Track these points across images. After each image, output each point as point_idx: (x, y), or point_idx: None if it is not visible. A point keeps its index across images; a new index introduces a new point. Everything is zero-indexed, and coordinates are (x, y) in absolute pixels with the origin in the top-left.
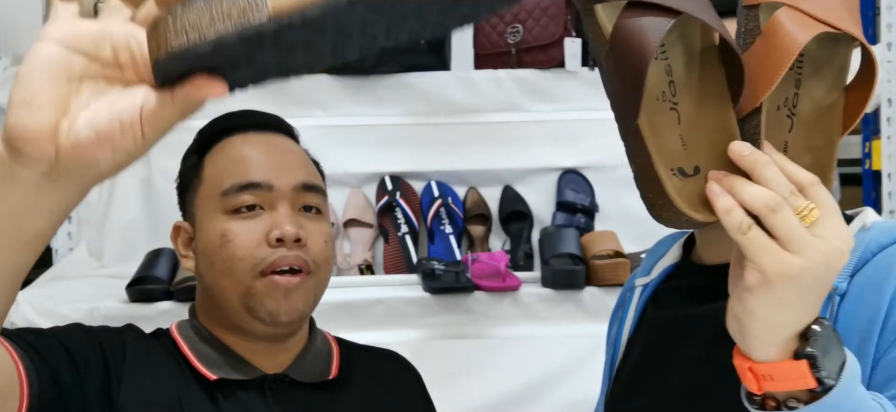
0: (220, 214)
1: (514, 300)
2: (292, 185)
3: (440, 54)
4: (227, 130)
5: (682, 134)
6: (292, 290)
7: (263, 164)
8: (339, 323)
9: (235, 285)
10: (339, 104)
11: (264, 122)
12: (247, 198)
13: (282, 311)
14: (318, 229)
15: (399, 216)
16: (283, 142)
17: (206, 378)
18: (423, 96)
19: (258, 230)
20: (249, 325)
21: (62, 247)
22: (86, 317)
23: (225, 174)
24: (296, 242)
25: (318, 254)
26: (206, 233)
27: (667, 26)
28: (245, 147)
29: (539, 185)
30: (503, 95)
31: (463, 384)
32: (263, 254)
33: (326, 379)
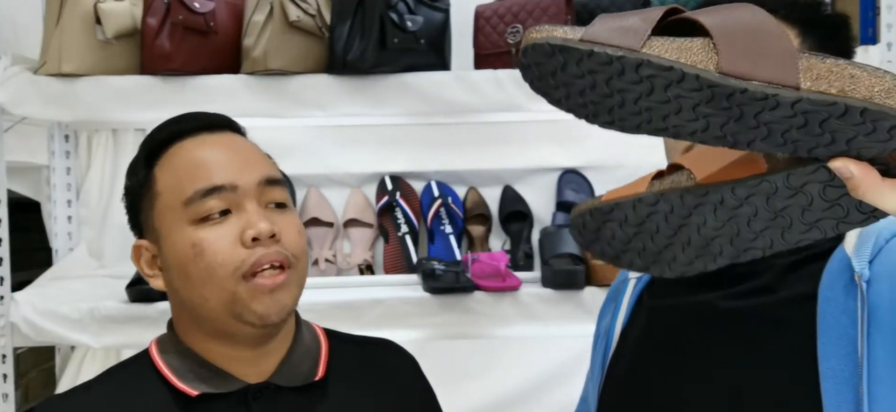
0: (186, 225)
1: (514, 300)
2: (256, 182)
3: (440, 54)
4: (176, 136)
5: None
6: (278, 288)
7: (224, 165)
8: (339, 323)
9: (218, 293)
10: (339, 104)
11: (214, 123)
12: (213, 203)
13: (271, 312)
14: (288, 222)
15: (399, 216)
16: (235, 139)
17: (187, 395)
18: (423, 96)
19: (231, 233)
20: (237, 330)
21: (62, 247)
22: (86, 316)
23: (184, 182)
24: (272, 238)
25: (295, 247)
26: (175, 247)
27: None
28: (200, 150)
29: (539, 184)
30: (503, 95)
31: (463, 384)
32: (242, 256)
33: (313, 380)
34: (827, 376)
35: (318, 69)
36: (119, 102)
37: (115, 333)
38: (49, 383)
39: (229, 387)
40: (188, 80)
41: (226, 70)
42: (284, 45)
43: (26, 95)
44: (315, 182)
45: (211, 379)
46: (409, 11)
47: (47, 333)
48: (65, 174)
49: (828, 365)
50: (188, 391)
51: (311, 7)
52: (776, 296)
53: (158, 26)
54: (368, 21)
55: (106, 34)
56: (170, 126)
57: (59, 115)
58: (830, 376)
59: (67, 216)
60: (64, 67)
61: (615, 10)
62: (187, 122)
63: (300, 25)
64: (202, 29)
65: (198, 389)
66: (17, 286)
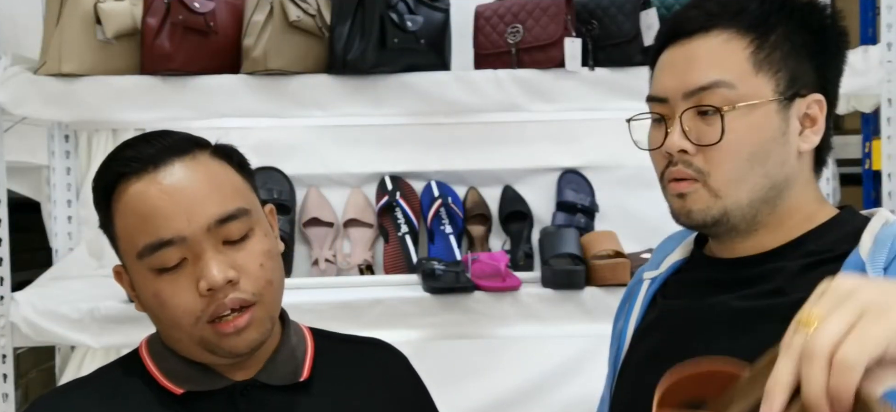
0: (145, 274)
1: (514, 300)
2: (206, 226)
3: (440, 54)
4: (121, 177)
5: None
6: (242, 330)
7: (169, 214)
8: (339, 323)
9: (187, 336)
10: (339, 104)
11: (159, 155)
12: (165, 256)
13: (240, 348)
14: (249, 256)
15: (399, 216)
16: (181, 168)
17: (173, 393)
18: (423, 96)
19: (188, 285)
20: (214, 361)
21: (62, 247)
22: (86, 316)
23: (134, 234)
24: (228, 284)
25: (256, 283)
26: (141, 292)
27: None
28: (143, 197)
29: (539, 184)
30: (503, 95)
31: (463, 384)
32: (201, 305)
33: (298, 380)
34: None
35: (318, 69)
36: (119, 102)
37: (115, 333)
38: (49, 383)
39: (215, 384)
40: (188, 80)
41: (226, 70)
42: (284, 45)
43: (26, 95)
44: (315, 182)
45: (197, 377)
46: (409, 11)
47: (47, 333)
48: (65, 174)
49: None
50: (174, 389)
51: (311, 7)
52: (788, 298)
53: (158, 26)
54: (368, 21)
55: (106, 34)
56: (112, 166)
57: (59, 115)
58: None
59: (67, 216)
60: (64, 67)
61: (615, 10)
62: (130, 162)
63: (300, 25)
64: (202, 29)
65: (183, 387)
66: (17, 286)
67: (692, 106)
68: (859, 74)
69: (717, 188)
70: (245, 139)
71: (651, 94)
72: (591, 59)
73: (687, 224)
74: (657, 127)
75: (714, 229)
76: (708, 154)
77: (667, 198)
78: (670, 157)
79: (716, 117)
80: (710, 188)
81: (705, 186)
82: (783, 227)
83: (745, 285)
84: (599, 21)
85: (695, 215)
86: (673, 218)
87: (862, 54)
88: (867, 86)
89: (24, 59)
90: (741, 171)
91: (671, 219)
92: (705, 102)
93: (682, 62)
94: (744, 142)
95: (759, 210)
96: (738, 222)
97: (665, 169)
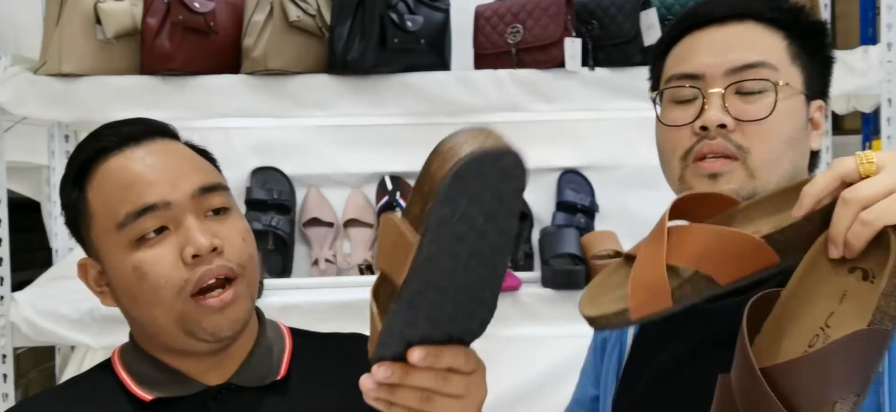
0: (124, 247)
1: (514, 300)
2: (190, 193)
3: (440, 54)
4: (101, 153)
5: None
6: (227, 305)
7: (153, 181)
8: (339, 323)
9: (166, 312)
10: (339, 104)
11: (138, 133)
12: (148, 223)
13: (223, 328)
14: (231, 229)
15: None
16: (165, 146)
17: (142, 400)
18: (423, 96)
19: (170, 253)
20: (192, 346)
21: (62, 247)
22: (86, 316)
23: (115, 204)
24: (213, 252)
25: (240, 255)
26: (117, 270)
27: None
28: (127, 168)
29: (539, 185)
30: (503, 95)
31: None
32: (185, 275)
33: (275, 379)
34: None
35: (318, 69)
36: (119, 102)
37: (114, 333)
38: (49, 383)
39: (187, 390)
40: (188, 80)
41: (226, 70)
42: (284, 45)
43: (26, 95)
44: (315, 182)
45: (168, 383)
46: (409, 11)
47: (47, 333)
48: None
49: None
50: (143, 396)
51: (311, 7)
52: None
53: (158, 26)
54: (368, 21)
55: (106, 34)
56: (91, 143)
57: (59, 115)
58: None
59: None
60: (64, 67)
61: (615, 10)
62: (109, 138)
63: (300, 25)
64: (202, 29)
65: (153, 394)
66: (17, 286)
67: (734, 82)
68: (859, 74)
69: (754, 167)
70: (245, 139)
71: (682, 71)
72: (591, 59)
73: None
74: (683, 105)
75: None
76: (748, 131)
77: (688, 179)
78: (703, 133)
79: (760, 96)
80: (747, 167)
81: (744, 165)
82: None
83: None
84: (599, 21)
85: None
86: None
87: (862, 54)
88: (867, 86)
89: (24, 59)
90: (779, 152)
91: None
92: (751, 79)
93: (720, 42)
94: (785, 123)
95: None
96: None
97: (693, 146)
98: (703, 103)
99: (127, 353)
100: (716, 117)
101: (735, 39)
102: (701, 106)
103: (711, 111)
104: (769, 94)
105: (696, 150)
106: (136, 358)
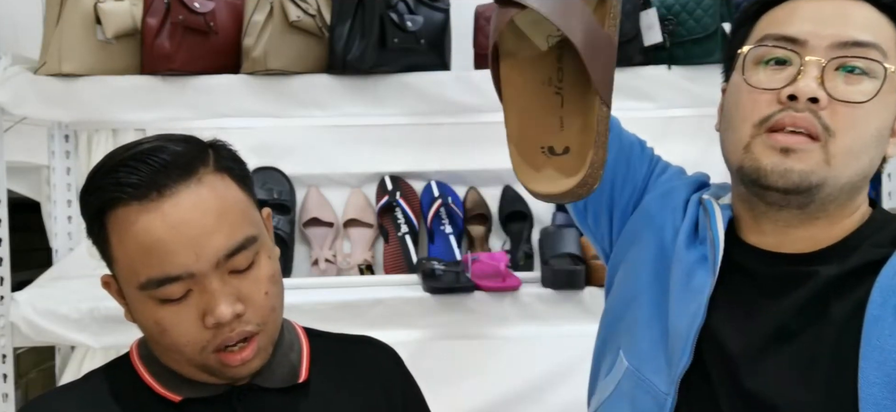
0: (147, 301)
1: (514, 300)
2: (214, 261)
3: (440, 54)
4: (118, 201)
5: (561, 116)
6: (247, 361)
7: (175, 250)
8: (339, 323)
9: (187, 360)
10: (339, 104)
11: (159, 179)
12: (169, 291)
13: (242, 375)
14: (254, 285)
15: (399, 216)
16: (187, 197)
17: (171, 401)
18: (423, 96)
19: (192, 315)
20: (211, 379)
21: (62, 247)
22: (86, 316)
23: (136, 266)
24: (236, 318)
25: (261, 313)
26: (138, 315)
27: (508, 15)
28: (149, 230)
29: None
30: None
31: (463, 384)
32: (206, 337)
33: (296, 382)
34: (867, 403)
35: (318, 69)
36: (119, 102)
37: (115, 333)
38: (49, 383)
39: (213, 390)
40: (188, 80)
41: (226, 70)
42: (284, 45)
43: (26, 95)
44: (315, 182)
45: (194, 383)
46: (409, 11)
47: (47, 333)
48: (65, 174)
49: (869, 392)
50: (172, 397)
51: (311, 7)
52: (828, 318)
53: (158, 26)
54: (368, 21)
55: (106, 34)
56: (107, 187)
57: (59, 115)
58: (871, 403)
59: (67, 216)
60: (64, 67)
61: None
62: (126, 189)
63: (300, 25)
64: (202, 29)
65: (181, 395)
66: (17, 286)
67: (838, 57)
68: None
69: (834, 153)
70: (245, 139)
71: (780, 32)
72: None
73: (771, 183)
74: (772, 69)
75: (792, 199)
76: (839, 112)
77: (755, 149)
78: (790, 103)
79: (862, 77)
80: (827, 151)
81: (824, 148)
82: (837, 227)
83: (786, 290)
84: None
85: (792, 177)
86: (750, 173)
87: None
88: None
89: (24, 59)
90: (864, 144)
91: None
92: (859, 57)
93: (832, 13)
94: (879, 116)
95: (840, 197)
96: (816, 201)
97: (773, 114)
98: (798, 72)
99: (148, 354)
100: (809, 88)
101: (850, 14)
102: (794, 74)
103: (806, 80)
104: (874, 79)
105: (776, 120)
106: (157, 360)
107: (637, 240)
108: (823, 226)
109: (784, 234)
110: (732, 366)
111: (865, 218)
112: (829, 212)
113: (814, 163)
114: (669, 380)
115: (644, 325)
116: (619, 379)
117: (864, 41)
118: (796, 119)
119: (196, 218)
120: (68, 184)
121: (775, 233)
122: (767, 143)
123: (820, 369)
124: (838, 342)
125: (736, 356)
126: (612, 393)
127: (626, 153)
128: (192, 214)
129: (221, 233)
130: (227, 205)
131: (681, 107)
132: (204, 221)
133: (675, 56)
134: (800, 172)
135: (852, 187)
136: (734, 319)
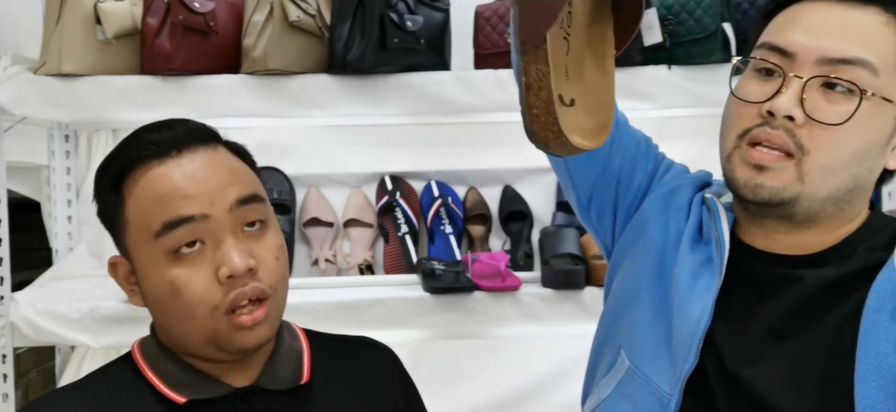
0: (161, 259)
1: (514, 300)
2: (228, 206)
3: (440, 54)
4: (139, 160)
5: (567, 64)
6: (258, 323)
7: (192, 194)
8: (339, 323)
9: (197, 329)
10: (339, 104)
11: (179, 140)
12: (183, 234)
13: (251, 344)
14: (266, 248)
15: (399, 216)
16: (204, 155)
17: (175, 402)
18: (423, 96)
19: (206, 271)
20: (217, 356)
21: (62, 247)
22: (86, 316)
23: (151, 215)
24: (248, 273)
25: (273, 277)
26: (152, 281)
27: None
28: (166, 178)
29: (539, 185)
30: (503, 95)
31: (463, 384)
32: (219, 294)
33: (299, 384)
34: (863, 406)
35: (318, 69)
36: (119, 102)
37: (115, 333)
38: (49, 383)
39: (217, 392)
40: (188, 80)
41: (226, 70)
42: (284, 45)
43: (26, 95)
44: (315, 182)
45: (198, 384)
46: (409, 11)
47: (47, 333)
48: (65, 174)
49: (865, 396)
50: (176, 398)
51: (311, 7)
52: (823, 322)
53: (158, 26)
54: (368, 21)
55: (106, 34)
56: (129, 148)
57: (59, 115)
58: (867, 407)
59: (67, 216)
60: (64, 67)
61: None
62: (148, 146)
63: (300, 25)
64: (202, 29)
65: (185, 396)
66: (17, 286)
67: (822, 74)
68: None
69: (807, 171)
70: (245, 139)
71: (773, 42)
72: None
73: (744, 196)
74: (761, 79)
75: (769, 211)
76: (815, 132)
77: (734, 160)
78: (768, 118)
79: (845, 96)
80: (800, 169)
81: (797, 166)
82: (831, 234)
83: (779, 292)
84: None
85: (762, 192)
86: (728, 183)
87: None
88: None
89: (24, 59)
90: (839, 165)
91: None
92: (843, 76)
93: (825, 23)
94: (859, 135)
95: (825, 209)
96: (797, 213)
97: (752, 129)
98: (780, 85)
99: (151, 354)
100: (785, 107)
101: (845, 25)
102: (778, 87)
103: (783, 98)
104: (856, 98)
105: (753, 134)
106: (162, 358)
107: (640, 238)
108: (816, 233)
109: (773, 240)
110: (731, 367)
111: (863, 221)
112: (819, 222)
113: (786, 180)
114: (673, 381)
115: (646, 325)
116: (620, 378)
117: (852, 58)
118: (771, 136)
119: (212, 172)
120: (68, 184)
121: (765, 238)
122: (744, 156)
123: (815, 372)
124: (834, 345)
125: (734, 357)
126: (612, 392)
127: (632, 150)
128: (209, 170)
129: (235, 185)
130: (240, 168)
131: (681, 107)
132: (219, 175)
133: (675, 56)
134: (770, 189)
135: (838, 200)
136: (733, 320)
